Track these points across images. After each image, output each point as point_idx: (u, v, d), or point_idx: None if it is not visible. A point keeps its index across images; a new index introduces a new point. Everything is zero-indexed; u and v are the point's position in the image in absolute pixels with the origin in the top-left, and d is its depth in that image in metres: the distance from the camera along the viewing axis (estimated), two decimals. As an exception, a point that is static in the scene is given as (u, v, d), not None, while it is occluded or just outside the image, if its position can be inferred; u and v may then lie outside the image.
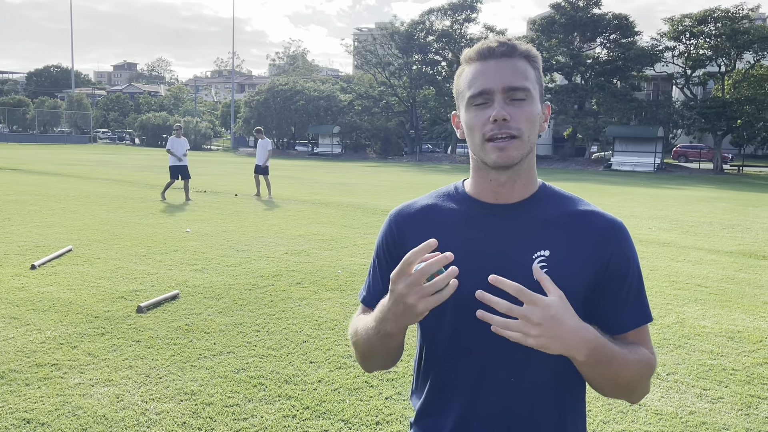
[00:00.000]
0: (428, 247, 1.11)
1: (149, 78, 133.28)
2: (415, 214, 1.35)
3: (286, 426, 3.44)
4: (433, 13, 49.71)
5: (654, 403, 3.84)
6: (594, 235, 1.26)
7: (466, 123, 1.25)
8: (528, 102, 1.23)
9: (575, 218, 1.28)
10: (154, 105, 79.28)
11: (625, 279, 1.27)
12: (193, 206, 13.21)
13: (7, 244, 8.25)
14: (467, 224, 1.29)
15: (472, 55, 1.26)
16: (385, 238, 1.37)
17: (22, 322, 5.05)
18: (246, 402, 3.72)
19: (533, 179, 1.31)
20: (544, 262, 1.23)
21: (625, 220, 9.39)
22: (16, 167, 23.78)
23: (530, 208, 1.28)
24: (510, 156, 1.21)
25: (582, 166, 42.95)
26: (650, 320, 1.31)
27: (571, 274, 1.23)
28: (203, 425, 3.42)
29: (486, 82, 1.21)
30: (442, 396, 1.32)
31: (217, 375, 4.10)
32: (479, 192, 1.30)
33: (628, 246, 1.28)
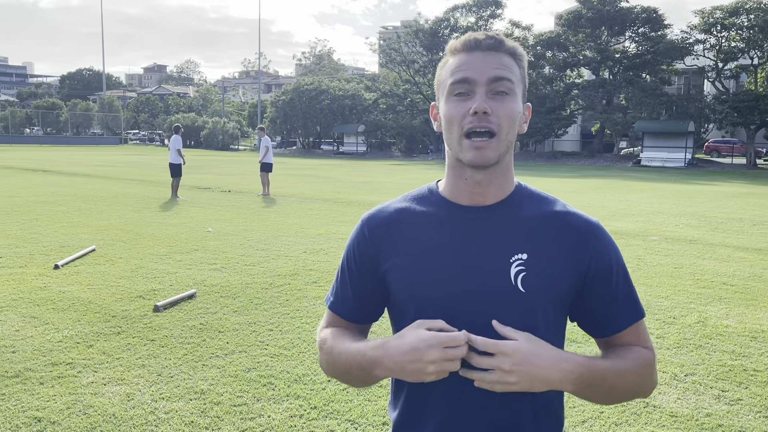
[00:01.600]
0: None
1: (178, 80, 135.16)
2: (389, 219, 1.30)
3: (292, 426, 3.44)
4: (458, 10, 49.46)
5: (669, 405, 3.74)
6: (572, 237, 1.23)
7: (445, 114, 1.21)
8: (510, 98, 1.19)
9: (552, 219, 1.25)
10: (183, 106, 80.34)
11: (609, 278, 1.25)
12: (215, 205, 13.33)
13: (33, 244, 8.42)
14: (442, 228, 1.24)
15: (458, 46, 1.23)
16: (357, 244, 1.32)
17: (41, 321, 5.14)
18: (254, 401, 3.73)
19: (510, 179, 1.27)
20: (522, 265, 1.20)
21: (651, 217, 9.28)
22: (48, 169, 24.31)
23: (506, 210, 1.25)
24: (486, 156, 1.17)
25: (610, 162, 42.31)
26: (643, 316, 1.29)
27: (550, 277, 1.21)
28: (210, 424, 3.44)
29: (469, 72, 1.18)
30: (418, 408, 1.27)
31: (228, 374, 4.12)
32: (454, 194, 1.26)
33: (607, 245, 1.26)
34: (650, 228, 11.17)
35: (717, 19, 38.50)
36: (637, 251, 8.83)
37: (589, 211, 5.76)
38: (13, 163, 27.84)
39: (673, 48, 40.94)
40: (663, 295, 6.39)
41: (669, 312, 5.75)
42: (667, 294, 6.42)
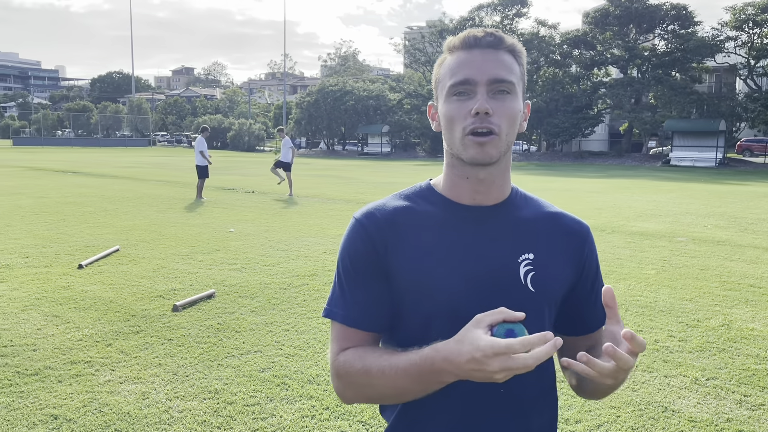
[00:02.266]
0: (543, 339, 0.96)
1: (206, 82, 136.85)
2: (390, 217, 1.22)
3: (303, 426, 3.43)
4: (483, 9, 49.22)
5: (689, 410, 3.65)
6: (568, 237, 1.27)
7: (445, 114, 1.17)
8: (511, 97, 1.17)
9: (548, 220, 1.28)
10: (209, 108, 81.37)
11: (595, 278, 1.31)
12: (238, 206, 13.44)
13: (59, 244, 8.58)
14: (448, 228, 1.20)
15: (456, 43, 1.19)
16: (361, 244, 1.20)
17: (62, 320, 5.22)
18: (267, 401, 3.73)
19: (509, 180, 1.26)
20: (530, 265, 1.20)
21: (679, 218, 9.09)
22: (77, 170, 24.79)
23: (508, 210, 1.24)
24: (488, 154, 1.15)
25: (639, 162, 41.68)
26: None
27: (555, 276, 1.23)
28: (222, 424, 3.45)
29: (470, 72, 1.14)
30: (423, 412, 1.21)
31: (242, 374, 4.14)
32: (456, 193, 1.23)
33: (595, 247, 1.33)
34: (677, 229, 10.96)
35: (749, 16, 37.70)
36: (663, 252, 8.66)
37: (614, 212, 5.72)
38: (44, 164, 28.45)
39: (703, 45, 40.20)
40: (687, 297, 6.25)
41: (693, 315, 5.62)
42: (691, 296, 6.28)
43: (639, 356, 4.14)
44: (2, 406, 3.59)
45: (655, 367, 4.33)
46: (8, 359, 4.30)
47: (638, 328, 5.20)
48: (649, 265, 7.78)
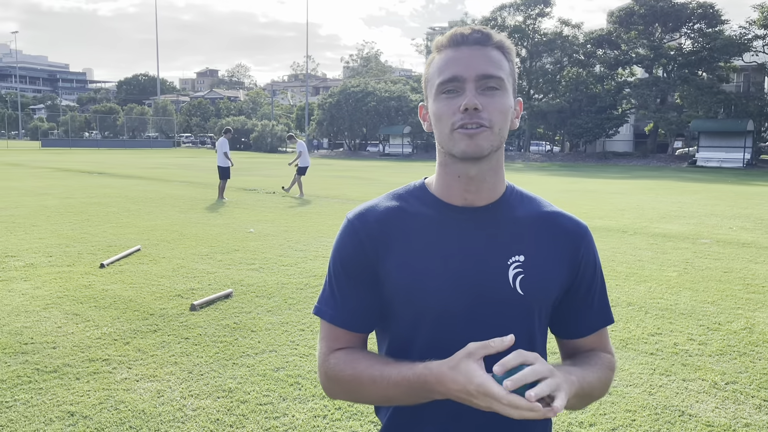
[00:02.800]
0: (531, 407, 0.96)
1: (229, 84, 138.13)
2: (381, 219, 1.21)
3: (315, 426, 3.44)
4: (505, 9, 48.95)
5: (706, 414, 3.58)
6: (564, 237, 1.23)
7: (435, 112, 1.17)
8: (501, 93, 1.15)
9: (543, 220, 1.24)
10: (233, 109, 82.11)
11: (593, 282, 1.27)
12: (259, 207, 13.54)
13: (82, 243, 8.72)
14: (438, 230, 1.20)
15: (444, 41, 1.19)
16: (351, 245, 1.21)
17: (82, 318, 5.31)
18: (280, 401, 3.75)
19: (502, 179, 1.23)
20: (520, 267, 1.18)
21: (703, 219, 8.93)
22: (103, 171, 25.18)
23: (501, 211, 1.21)
24: (479, 146, 1.12)
25: (664, 162, 41.11)
26: (612, 321, 1.30)
27: (546, 278, 1.20)
28: (235, 422, 3.47)
29: (457, 69, 1.13)
30: (417, 412, 1.20)
31: (257, 373, 4.16)
32: (447, 193, 1.21)
33: (594, 248, 1.27)
34: (701, 230, 10.78)
35: (778, 13, 36.95)
36: (686, 254, 8.52)
37: (637, 214, 5.65)
38: (71, 165, 28.96)
39: (731, 44, 39.53)
40: (709, 300, 6.14)
41: (714, 318, 5.52)
42: (713, 299, 6.17)
43: (658, 359, 4.06)
44: (21, 402, 3.66)
45: (674, 370, 4.27)
46: (28, 356, 4.38)
47: (657, 331, 5.12)
48: (671, 267, 7.66)
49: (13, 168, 26.41)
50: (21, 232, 9.59)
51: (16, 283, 6.42)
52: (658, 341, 4.88)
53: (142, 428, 3.38)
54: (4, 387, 3.85)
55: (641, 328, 5.22)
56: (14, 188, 16.82)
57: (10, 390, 3.81)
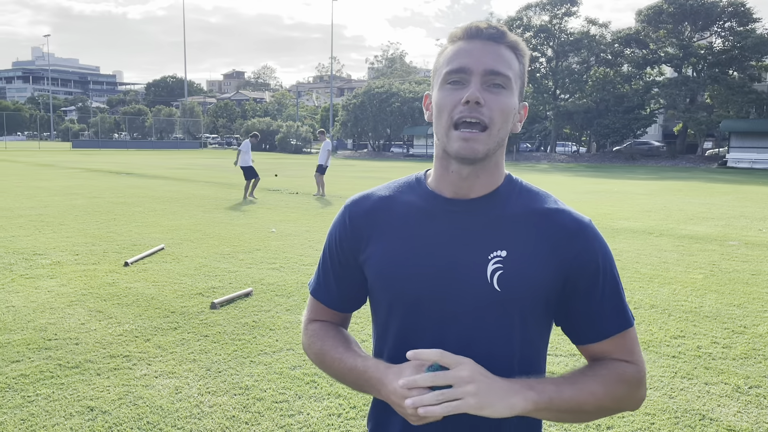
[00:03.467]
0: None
1: (255, 85, 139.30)
2: (371, 207, 1.26)
3: (330, 424, 3.45)
4: (531, 9, 48.56)
5: (728, 418, 3.51)
6: (557, 235, 1.16)
7: (437, 102, 1.16)
8: (506, 92, 1.13)
9: (539, 216, 1.18)
10: (258, 111, 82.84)
11: (595, 282, 1.17)
12: (282, 207, 13.63)
13: (108, 242, 8.87)
14: (423, 220, 1.20)
15: (459, 33, 1.18)
16: (338, 231, 1.29)
17: (105, 315, 5.39)
18: (296, 399, 3.76)
19: (498, 174, 1.21)
20: (500, 263, 1.14)
21: (732, 221, 8.71)
22: (131, 171, 25.58)
23: (490, 205, 1.19)
24: (474, 149, 1.11)
25: (693, 163, 40.39)
26: (630, 326, 1.19)
27: (528, 276, 1.14)
28: (251, 419, 3.50)
29: (466, 61, 1.12)
30: (386, 404, 1.22)
31: (273, 371, 4.18)
32: (439, 185, 1.21)
33: (597, 246, 1.17)
34: (730, 232, 10.56)
35: (812, 11, 36.06)
36: (713, 257, 8.36)
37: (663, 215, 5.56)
38: (100, 166, 29.47)
39: (762, 42, 38.73)
40: (735, 302, 6.02)
41: (740, 321, 5.40)
42: (739, 302, 6.04)
43: (680, 362, 3.97)
44: (42, 397, 3.73)
45: (696, 374, 4.18)
46: (51, 352, 4.46)
47: (680, 334, 5.03)
48: (697, 270, 7.52)
49: (45, 168, 26.97)
50: (49, 231, 9.79)
51: (43, 281, 6.56)
52: (680, 344, 4.79)
53: (159, 424, 3.42)
54: (27, 382, 3.93)
55: (664, 330, 5.13)
56: (44, 188, 17.17)
57: (32, 385, 3.89)
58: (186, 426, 3.41)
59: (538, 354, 1.22)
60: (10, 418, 3.44)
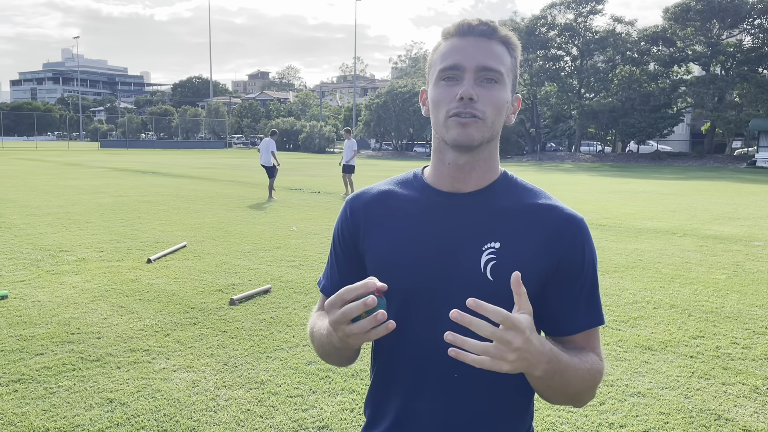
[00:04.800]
0: (364, 288, 1.04)
1: (279, 85, 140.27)
2: (370, 201, 1.31)
3: (342, 419, 3.49)
4: (555, 7, 48.13)
5: (744, 419, 3.47)
6: (549, 230, 1.19)
7: (432, 98, 1.21)
8: (499, 86, 1.17)
9: (531, 211, 1.21)
10: (282, 111, 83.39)
11: (577, 277, 1.20)
12: (303, 206, 13.73)
13: (132, 239, 9.03)
14: (420, 213, 1.24)
15: (452, 30, 1.22)
16: (341, 225, 1.34)
17: (127, 310, 5.50)
18: (310, 393, 3.81)
19: (493, 169, 1.24)
20: (494, 254, 1.17)
21: (759, 222, 8.61)
22: (156, 171, 25.96)
23: (486, 198, 1.22)
24: (470, 135, 1.15)
25: (722, 163, 39.68)
26: (602, 323, 1.24)
27: (520, 267, 1.14)
28: (265, 413, 3.55)
29: (459, 58, 1.17)
30: (384, 385, 1.28)
31: (289, 366, 4.24)
32: (436, 179, 1.26)
33: (584, 243, 1.21)
34: (755, 233, 10.38)
35: None
36: (737, 257, 8.23)
37: (688, 215, 5.53)
38: (127, 166, 29.96)
39: (794, 39, 37.85)
40: (758, 303, 5.92)
41: (761, 322, 5.32)
42: (762, 303, 5.95)
43: (698, 362, 3.94)
44: (64, 388, 3.83)
45: (713, 374, 4.14)
46: (74, 345, 4.57)
47: (699, 334, 4.97)
48: (720, 270, 7.41)
49: (73, 168, 27.50)
50: (75, 228, 9.99)
51: (68, 277, 6.71)
52: (699, 344, 4.74)
53: (176, 416, 3.49)
54: (50, 374, 4.04)
55: (683, 330, 5.07)
56: (72, 187, 17.52)
57: (54, 377, 3.99)
58: (202, 418, 3.47)
59: None
60: (33, 409, 3.54)
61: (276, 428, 3.38)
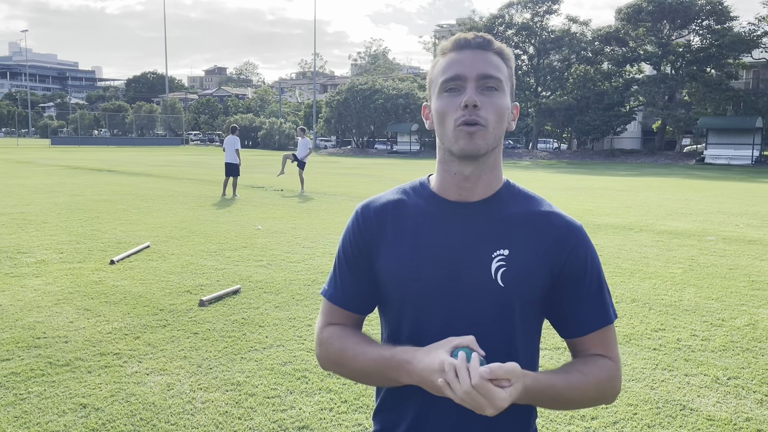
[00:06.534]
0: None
1: (237, 81, 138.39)
2: (380, 210, 1.33)
3: (321, 419, 3.51)
4: (513, 7, 48.84)
5: (707, 408, 3.63)
6: (552, 236, 1.26)
7: (437, 110, 1.25)
8: (499, 94, 1.23)
9: (536, 218, 1.28)
10: (241, 107, 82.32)
11: (581, 281, 1.27)
12: (267, 204, 13.63)
13: (92, 240, 8.83)
14: (431, 222, 1.28)
15: (448, 45, 1.28)
16: (351, 234, 1.35)
17: (93, 313, 5.40)
18: (287, 394, 3.82)
19: (498, 176, 1.30)
20: (503, 261, 1.23)
21: (710, 217, 8.93)
22: (112, 169, 25.35)
23: (492, 207, 1.28)
24: (476, 145, 1.20)
25: (672, 160, 40.94)
26: (610, 323, 1.29)
27: (528, 274, 1.24)
28: (243, 415, 3.55)
29: (460, 69, 1.22)
30: (399, 392, 1.31)
31: (264, 367, 4.23)
32: (443, 188, 1.29)
33: (585, 248, 1.28)
34: (708, 228, 10.78)
35: (788, 10, 36.70)
36: (691, 251, 8.54)
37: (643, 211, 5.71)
38: (81, 163, 29.16)
39: (739, 41, 39.34)
40: (713, 296, 6.18)
41: (718, 314, 5.56)
42: (717, 295, 6.20)
43: (661, 354, 4.09)
44: (34, 394, 3.75)
45: (676, 365, 4.31)
46: (41, 350, 4.47)
47: (661, 327, 5.16)
48: (676, 264, 7.69)
49: (24, 166, 26.63)
50: (32, 228, 9.71)
51: (28, 279, 6.53)
52: (661, 337, 4.92)
53: (152, 420, 3.46)
54: (19, 380, 3.94)
55: (645, 324, 5.26)
56: (25, 186, 16.99)
57: (24, 383, 3.90)
58: (179, 422, 3.45)
59: (535, 345, 1.32)
60: (4, 416, 3.46)
61: (255, 430, 3.39)
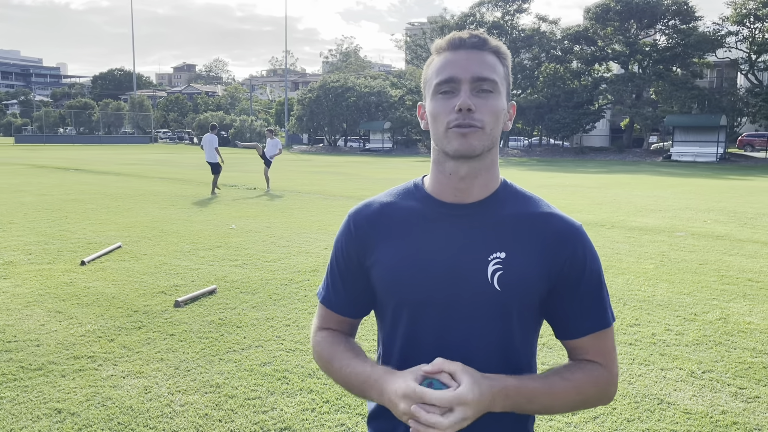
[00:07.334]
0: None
1: (207, 78, 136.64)
2: (374, 214, 1.31)
3: (304, 419, 3.48)
4: (484, 5, 49.14)
5: (684, 402, 3.70)
6: (551, 238, 1.24)
7: (431, 111, 1.22)
8: (494, 95, 1.20)
9: (534, 220, 1.25)
10: (211, 105, 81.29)
11: (579, 283, 1.25)
12: (240, 203, 13.50)
13: (62, 241, 8.63)
14: (425, 224, 1.26)
15: (443, 44, 1.25)
16: (344, 239, 1.33)
17: (65, 315, 5.28)
18: (268, 395, 3.78)
19: (495, 177, 1.27)
20: (500, 264, 1.21)
21: (678, 213, 9.07)
22: (79, 167, 24.84)
23: (489, 208, 1.25)
24: (471, 145, 1.18)
25: (640, 157, 41.66)
26: (608, 326, 1.27)
27: (526, 276, 1.21)
28: (224, 417, 3.50)
29: (454, 70, 1.19)
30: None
31: (243, 368, 4.19)
32: (438, 190, 1.27)
33: (584, 249, 1.25)
34: (677, 224, 10.99)
35: (750, 10, 37.64)
36: (662, 247, 8.70)
37: (614, 207, 5.78)
38: (46, 162, 28.51)
39: (704, 40, 40.15)
40: (685, 291, 6.29)
41: (690, 309, 5.66)
42: (689, 290, 6.32)
43: (636, 349, 4.14)
44: (7, 400, 3.64)
45: (652, 360, 4.38)
46: (12, 354, 4.35)
47: (635, 322, 5.24)
48: (648, 260, 7.82)
49: (-13, 165, 25.92)
50: (-2, 229, 9.46)
51: (-4, 282, 6.35)
52: (636, 332, 5.00)
53: (130, 424, 3.39)
54: (-11, 385, 3.83)
55: (620, 319, 5.33)
56: (-11, 185, 16.53)
57: (-5, 388, 3.79)
58: (158, 426, 3.39)
59: (532, 348, 1.30)
60: (-25, 423, 3.36)
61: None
